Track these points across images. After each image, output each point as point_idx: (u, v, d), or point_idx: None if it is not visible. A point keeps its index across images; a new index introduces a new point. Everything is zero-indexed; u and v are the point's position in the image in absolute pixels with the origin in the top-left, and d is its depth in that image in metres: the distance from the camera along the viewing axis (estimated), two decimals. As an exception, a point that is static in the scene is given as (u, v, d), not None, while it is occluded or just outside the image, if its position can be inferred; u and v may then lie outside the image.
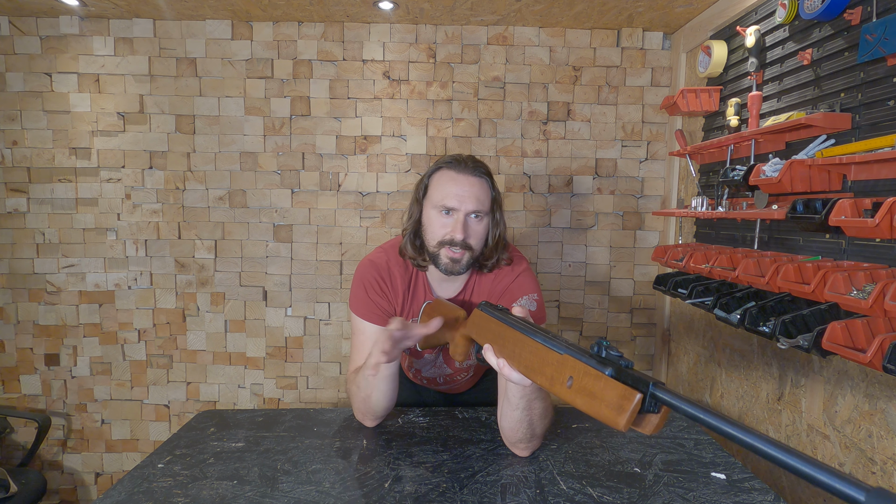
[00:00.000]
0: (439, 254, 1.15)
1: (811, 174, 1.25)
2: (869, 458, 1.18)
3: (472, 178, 1.14)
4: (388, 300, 1.24)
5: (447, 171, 1.16)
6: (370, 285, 1.23)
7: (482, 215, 1.16)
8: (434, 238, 1.16)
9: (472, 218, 1.15)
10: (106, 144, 2.20)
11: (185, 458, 1.08)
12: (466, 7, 1.97)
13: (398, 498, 0.94)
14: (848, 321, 1.08)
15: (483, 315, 0.94)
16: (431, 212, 1.16)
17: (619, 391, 0.60)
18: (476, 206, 1.14)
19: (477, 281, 1.25)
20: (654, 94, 2.22)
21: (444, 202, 1.13)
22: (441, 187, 1.15)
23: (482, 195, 1.15)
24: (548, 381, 0.73)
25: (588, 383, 0.64)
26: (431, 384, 1.44)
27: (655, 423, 0.59)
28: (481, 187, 1.15)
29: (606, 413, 0.61)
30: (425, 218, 1.18)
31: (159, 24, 2.15)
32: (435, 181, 1.17)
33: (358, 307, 1.23)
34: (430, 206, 1.17)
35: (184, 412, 2.31)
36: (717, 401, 1.84)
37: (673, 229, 2.17)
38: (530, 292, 1.23)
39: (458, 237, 1.12)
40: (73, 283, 2.24)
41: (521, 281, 1.23)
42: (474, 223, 1.15)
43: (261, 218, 2.25)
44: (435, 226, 1.15)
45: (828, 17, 1.25)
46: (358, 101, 2.21)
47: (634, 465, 1.07)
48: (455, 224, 1.13)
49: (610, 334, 2.32)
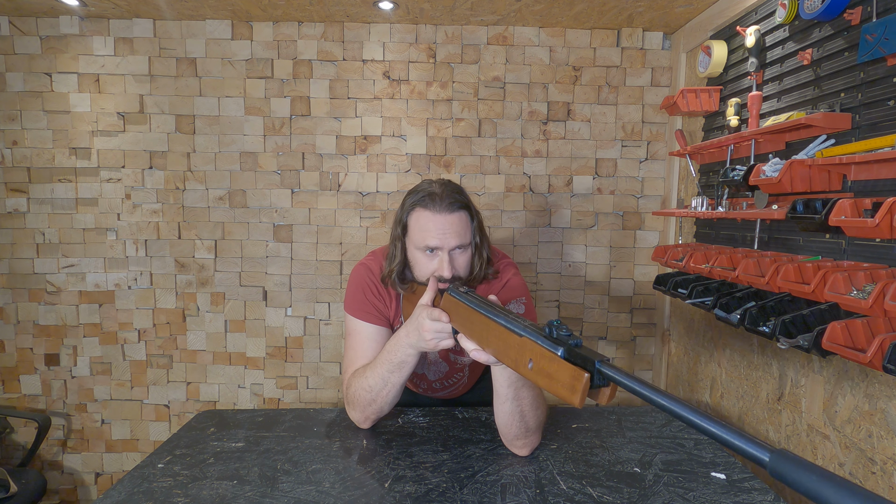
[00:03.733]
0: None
1: (811, 174, 1.25)
2: (869, 458, 1.18)
3: (449, 217, 1.13)
4: (383, 303, 1.25)
5: (423, 211, 1.14)
6: (367, 287, 1.24)
7: (465, 247, 1.16)
8: (423, 275, 1.17)
9: (456, 252, 1.15)
10: (106, 144, 2.20)
11: (185, 458, 1.08)
12: (466, 7, 1.97)
13: (398, 498, 0.94)
14: (848, 321, 1.08)
15: (452, 299, 0.97)
16: (416, 252, 1.17)
17: (570, 372, 0.67)
18: (458, 241, 1.14)
19: None
20: (654, 94, 2.22)
21: (427, 242, 1.13)
22: (420, 228, 1.14)
23: (461, 229, 1.15)
24: (513, 363, 0.79)
25: (545, 365, 0.71)
26: (429, 391, 1.44)
27: (608, 395, 0.66)
28: (461, 222, 1.15)
29: (563, 393, 0.68)
30: (411, 257, 1.19)
31: (159, 24, 2.15)
32: (413, 222, 1.16)
33: (354, 308, 1.24)
34: (412, 246, 1.17)
35: (184, 412, 2.31)
36: (717, 401, 1.84)
37: (673, 229, 2.17)
38: (519, 296, 1.25)
39: (447, 275, 1.13)
40: (73, 283, 2.24)
41: (509, 287, 1.26)
42: (458, 256, 1.16)
43: (261, 218, 2.25)
44: (421, 264, 1.16)
45: (828, 17, 1.25)
46: (358, 101, 2.21)
47: (634, 465, 1.07)
48: (441, 263, 1.13)
49: (610, 334, 2.32)
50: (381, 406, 1.16)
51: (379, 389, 1.13)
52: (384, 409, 1.18)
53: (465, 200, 1.17)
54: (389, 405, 1.17)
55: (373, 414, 1.19)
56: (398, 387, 1.13)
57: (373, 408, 1.17)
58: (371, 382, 1.13)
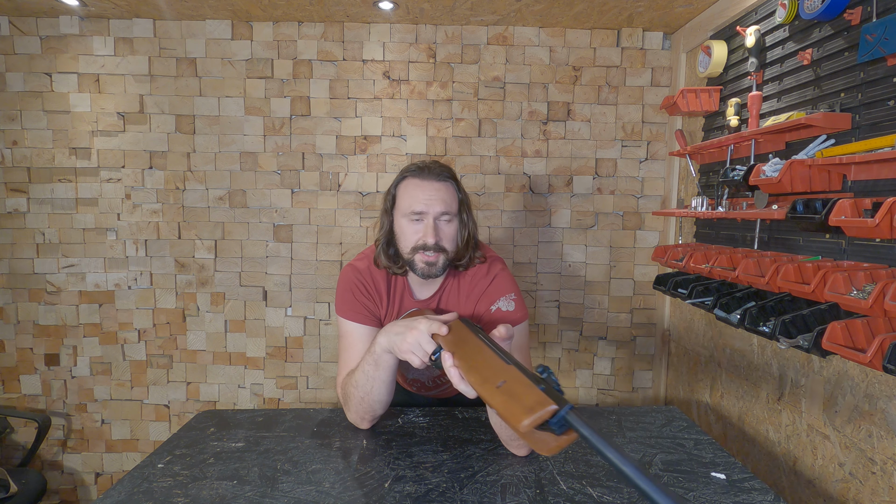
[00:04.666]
0: (414, 259, 1.17)
1: (811, 174, 1.25)
2: (869, 458, 1.18)
3: (436, 184, 1.16)
4: (373, 302, 1.25)
5: (412, 179, 1.18)
6: (355, 288, 1.24)
7: (451, 217, 1.18)
8: (408, 245, 1.18)
9: (441, 220, 1.17)
10: (106, 144, 2.20)
11: (185, 458, 1.08)
12: (466, 7, 1.97)
13: (398, 498, 0.94)
14: (848, 321, 1.08)
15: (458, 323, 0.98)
16: (402, 220, 1.18)
17: (538, 397, 0.65)
18: (444, 207, 1.16)
19: (452, 283, 1.26)
20: (654, 94, 2.22)
21: (413, 208, 1.15)
22: (408, 195, 1.17)
23: (448, 198, 1.17)
24: (480, 378, 0.78)
25: (516, 387, 0.70)
26: (422, 389, 1.44)
27: (552, 445, 0.63)
28: (447, 190, 1.17)
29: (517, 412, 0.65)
30: (397, 227, 1.20)
31: (159, 24, 2.15)
32: (401, 190, 1.19)
33: (345, 310, 1.24)
34: (399, 215, 1.19)
35: (184, 412, 2.31)
36: (717, 401, 1.84)
37: (673, 229, 2.17)
38: (508, 292, 1.24)
39: (430, 241, 1.14)
40: (73, 283, 2.24)
41: (497, 283, 1.24)
42: (444, 225, 1.17)
43: (261, 218, 2.25)
44: (407, 233, 1.17)
45: (828, 17, 1.25)
46: (358, 101, 2.21)
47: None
48: (426, 228, 1.15)
49: (610, 334, 2.32)
50: (372, 404, 1.16)
51: (364, 385, 1.13)
52: (376, 409, 1.17)
53: (452, 174, 1.20)
54: (381, 404, 1.16)
55: (366, 413, 1.18)
56: (385, 384, 1.13)
57: (364, 406, 1.16)
58: (357, 378, 1.14)
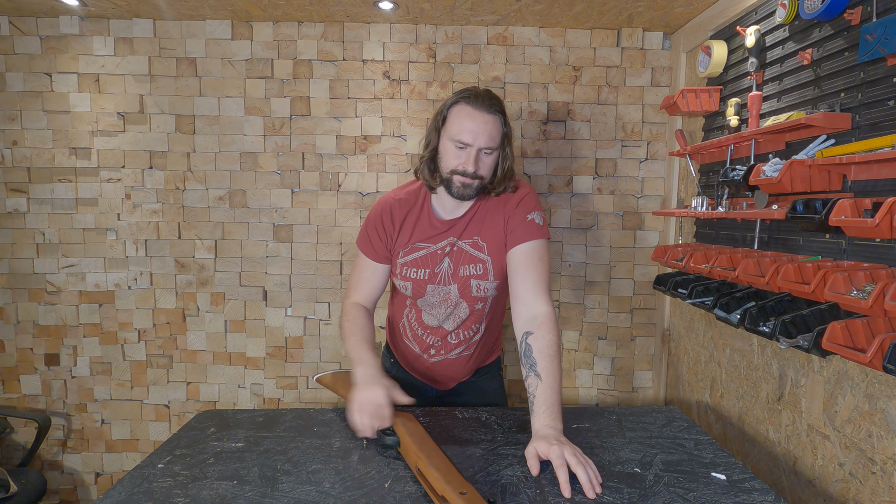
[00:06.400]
0: (452, 179, 1.25)
1: (811, 174, 1.25)
2: (869, 458, 1.18)
3: (486, 116, 1.21)
4: (386, 235, 1.35)
5: (465, 105, 1.23)
6: (376, 222, 1.36)
7: (493, 150, 1.25)
8: (448, 167, 1.25)
9: (483, 153, 1.23)
10: (106, 144, 2.20)
11: (185, 458, 1.08)
12: (466, 7, 1.97)
13: (398, 498, 0.94)
14: (848, 321, 1.08)
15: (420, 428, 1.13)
16: (448, 143, 1.25)
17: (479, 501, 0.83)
18: (488, 142, 1.22)
19: (482, 205, 1.34)
20: (654, 94, 2.22)
21: (460, 137, 1.21)
22: (458, 122, 1.22)
23: (494, 132, 1.23)
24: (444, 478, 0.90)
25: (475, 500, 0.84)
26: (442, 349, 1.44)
27: None
28: (495, 124, 1.23)
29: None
30: (441, 147, 1.27)
31: (159, 24, 2.15)
32: (453, 114, 1.24)
33: (359, 240, 1.40)
34: (446, 137, 1.25)
35: (184, 412, 2.31)
36: (717, 401, 1.84)
37: (673, 229, 2.17)
38: (540, 209, 1.34)
39: (470, 170, 1.22)
40: (73, 283, 2.24)
41: (532, 197, 1.34)
42: (485, 157, 1.24)
43: (261, 218, 2.25)
44: (450, 156, 1.24)
45: (828, 17, 1.25)
46: (358, 101, 2.21)
47: (634, 465, 1.07)
48: (468, 158, 1.22)
49: (610, 334, 2.32)
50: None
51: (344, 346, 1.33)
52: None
53: (502, 107, 1.26)
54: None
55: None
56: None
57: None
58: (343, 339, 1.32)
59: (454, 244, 1.33)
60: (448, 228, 1.33)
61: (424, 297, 1.37)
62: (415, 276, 1.34)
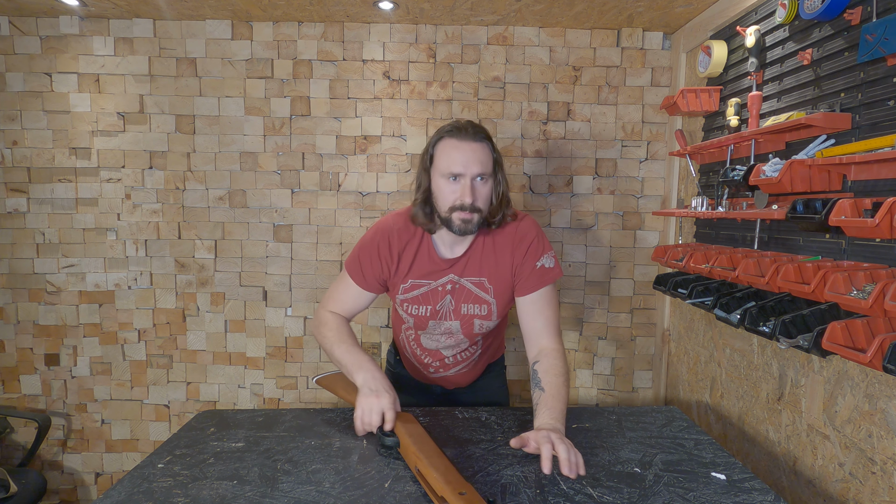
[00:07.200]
0: (451, 218, 1.22)
1: (811, 174, 1.25)
2: (869, 458, 1.18)
3: (473, 144, 1.20)
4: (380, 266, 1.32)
5: (450, 139, 1.22)
6: (365, 249, 1.33)
7: (486, 177, 1.23)
8: (445, 204, 1.22)
9: (477, 181, 1.21)
10: (106, 144, 2.20)
11: (185, 458, 1.08)
12: (466, 7, 1.97)
13: (398, 498, 0.94)
14: (848, 321, 1.08)
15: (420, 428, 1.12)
16: (440, 180, 1.22)
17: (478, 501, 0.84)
18: (480, 169, 1.20)
19: (485, 241, 1.32)
20: (654, 94, 2.22)
21: (451, 169, 1.20)
22: (446, 155, 1.21)
23: (485, 158, 1.21)
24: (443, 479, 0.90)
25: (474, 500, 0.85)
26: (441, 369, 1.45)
27: None
28: (483, 151, 1.22)
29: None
30: (434, 186, 1.25)
31: (159, 24, 2.15)
32: (440, 150, 1.23)
33: (350, 265, 1.35)
34: (437, 174, 1.23)
35: (184, 412, 2.31)
36: (717, 401, 1.84)
37: (673, 229, 2.17)
38: (548, 250, 1.32)
39: (468, 201, 1.19)
40: (73, 283, 2.24)
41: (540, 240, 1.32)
42: (481, 187, 1.22)
43: (261, 218, 2.25)
44: (444, 193, 1.22)
45: (828, 17, 1.25)
46: (358, 101, 2.21)
47: (634, 465, 1.07)
48: (463, 189, 1.20)
49: (610, 334, 2.32)
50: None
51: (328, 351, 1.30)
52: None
53: (487, 134, 1.25)
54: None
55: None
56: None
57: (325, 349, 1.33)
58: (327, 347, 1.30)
59: (456, 282, 1.31)
60: (449, 266, 1.30)
61: (426, 329, 1.37)
62: (416, 312, 1.33)
